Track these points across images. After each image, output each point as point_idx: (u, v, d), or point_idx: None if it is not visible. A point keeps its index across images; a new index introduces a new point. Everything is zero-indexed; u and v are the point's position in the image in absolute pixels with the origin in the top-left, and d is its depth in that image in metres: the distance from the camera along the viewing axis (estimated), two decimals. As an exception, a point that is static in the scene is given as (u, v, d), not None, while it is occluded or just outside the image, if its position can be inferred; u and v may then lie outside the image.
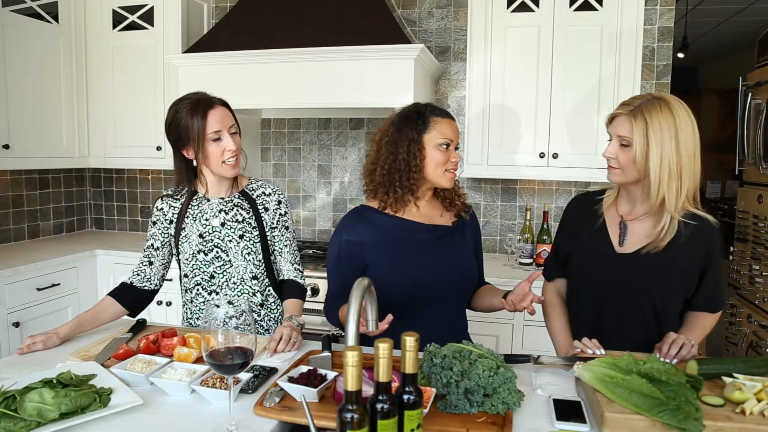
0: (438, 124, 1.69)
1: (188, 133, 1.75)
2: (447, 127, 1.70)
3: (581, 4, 2.78)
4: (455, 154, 1.72)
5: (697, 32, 5.77)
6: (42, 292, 2.96)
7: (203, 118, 1.74)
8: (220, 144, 1.77)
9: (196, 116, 1.74)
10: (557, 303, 1.83)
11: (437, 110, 1.73)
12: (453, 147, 1.71)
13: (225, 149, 1.77)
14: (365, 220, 1.73)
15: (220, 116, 1.77)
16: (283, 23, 2.93)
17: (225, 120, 1.78)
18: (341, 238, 1.74)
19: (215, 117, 1.75)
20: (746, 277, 3.32)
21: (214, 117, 1.75)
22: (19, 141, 3.08)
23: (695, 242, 1.57)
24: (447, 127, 1.70)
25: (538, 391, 1.37)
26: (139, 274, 1.91)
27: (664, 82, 3.04)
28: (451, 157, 1.70)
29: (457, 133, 1.73)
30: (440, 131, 1.68)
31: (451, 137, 1.70)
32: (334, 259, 1.77)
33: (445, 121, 1.71)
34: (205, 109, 1.75)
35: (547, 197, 3.29)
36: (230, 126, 1.79)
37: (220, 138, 1.77)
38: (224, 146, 1.77)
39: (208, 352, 1.15)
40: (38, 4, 3.17)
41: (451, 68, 3.34)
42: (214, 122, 1.75)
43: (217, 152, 1.77)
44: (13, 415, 1.15)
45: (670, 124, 1.48)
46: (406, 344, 0.97)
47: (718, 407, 1.22)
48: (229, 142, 1.77)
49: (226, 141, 1.77)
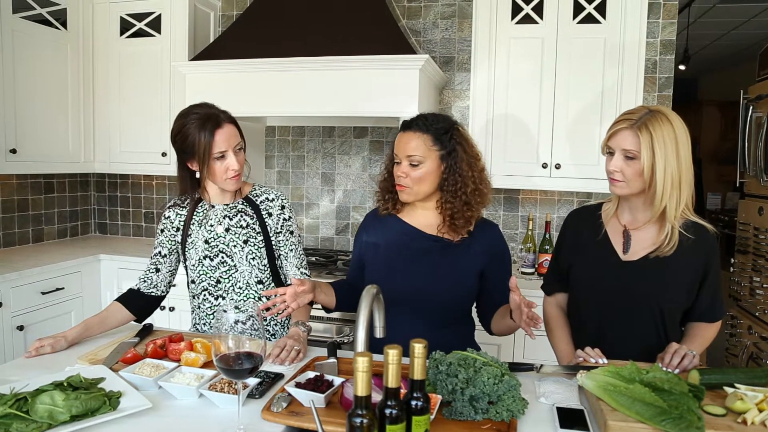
0: (397, 139, 1.75)
1: (194, 148, 1.76)
2: (399, 142, 1.74)
3: (585, 17, 2.81)
4: (404, 168, 1.71)
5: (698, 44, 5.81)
6: (46, 296, 2.97)
7: (210, 136, 1.75)
8: (224, 162, 1.78)
9: (203, 133, 1.74)
10: (558, 315, 1.85)
11: (405, 124, 1.76)
12: (405, 161, 1.71)
13: (228, 168, 1.79)
14: (372, 220, 1.90)
15: (227, 135, 1.77)
16: (290, 32, 2.96)
17: (231, 139, 1.79)
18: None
19: (222, 137, 1.76)
20: (747, 289, 3.34)
21: (221, 137, 1.76)
22: (25, 145, 3.11)
23: (696, 249, 1.59)
24: (399, 142, 1.74)
25: (542, 399, 1.38)
26: (146, 281, 1.93)
27: (666, 94, 3.07)
28: (399, 171, 1.73)
29: (415, 145, 1.70)
30: (397, 146, 1.75)
31: (398, 152, 1.73)
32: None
33: (400, 135, 1.75)
34: (213, 128, 1.75)
35: (550, 207, 3.31)
36: (236, 144, 1.80)
37: (224, 156, 1.78)
38: (227, 165, 1.78)
39: (218, 357, 1.17)
40: (47, 10, 3.21)
41: (455, 78, 3.37)
42: (220, 142, 1.76)
43: (221, 169, 1.79)
44: (25, 416, 1.17)
45: (671, 135, 1.52)
46: (414, 351, 0.99)
47: (719, 417, 1.23)
48: (232, 161, 1.79)
49: (230, 160, 1.78)
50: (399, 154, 1.73)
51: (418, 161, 1.69)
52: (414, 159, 1.69)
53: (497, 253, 1.80)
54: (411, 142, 1.70)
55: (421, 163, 1.69)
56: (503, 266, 1.81)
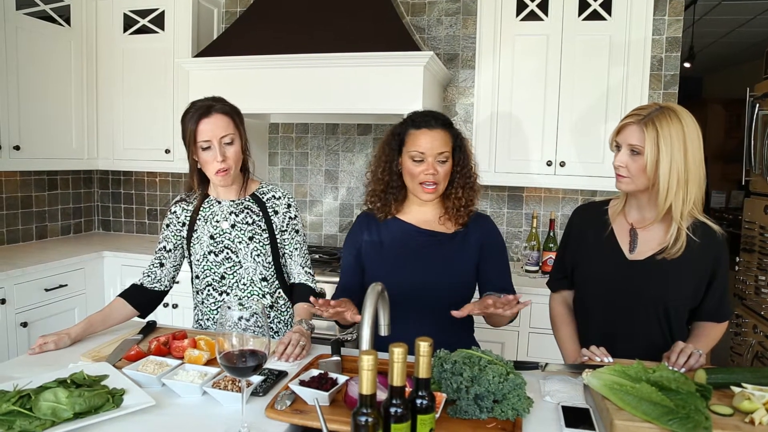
0: (411, 136, 1.73)
1: (185, 137, 1.79)
2: (421, 140, 1.70)
3: (590, 14, 2.80)
4: (434, 167, 1.69)
5: (704, 42, 5.78)
6: (49, 293, 2.97)
7: (195, 125, 1.75)
8: (210, 153, 1.77)
9: (190, 122, 1.76)
10: (564, 313, 1.84)
11: (420, 122, 1.73)
12: (431, 159, 1.69)
13: (213, 160, 1.77)
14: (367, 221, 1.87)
15: (212, 126, 1.75)
16: (293, 29, 2.96)
17: (217, 130, 1.76)
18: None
19: (207, 126, 1.75)
20: (752, 288, 3.32)
21: (206, 126, 1.75)
22: (29, 142, 3.11)
23: (704, 250, 1.57)
24: (421, 140, 1.70)
25: (547, 398, 1.37)
26: (150, 276, 1.93)
27: (671, 91, 3.05)
28: (426, 169, 1.69)
29: (443, 142, 1.70)
30: (418, 144, 1.70)
31: (423, 150, 1.69)
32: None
33: (419, 133, 1.71)
34: (199, 117, 1.75)
35: (554, 205, 3.30)
36: (223, 136, 1.77)
37: (210, 147, 1.77)
38: (213, 156, 1.77)
39: (222, 354, 1.16)
40: (51, 7, 3.20)
41: (460, 75, 3.35)
42: (204, 131, 1.75)
43: (209, 160, 1.78)
44: (29, 413, 1.17)
45: (679, 133, 1.50)
46: (420, 349, 0.98)
47: (727, 416, 1.23)
48: (216, 153, 1.76)
49: (214, 152, 1.76)
50: (425, 152, 1.69)
51: (447, 157, 1.72)
52: (444, 156, 1.71)
53: (492, 243, 1.82)
54: (438, 139, 1.70)
55: (448, 159, 1.72)
56: (498, 256, 1.83)
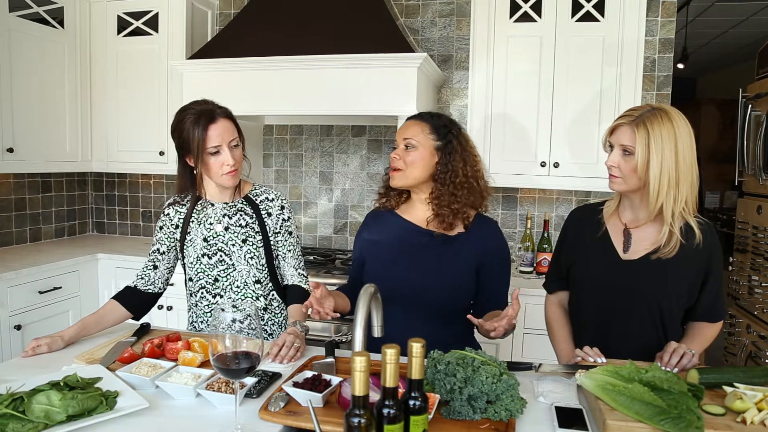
0: (399, 129, 1.83)
1: (189, 144, 1.78)
2: (399, 129, 1.82)
3: (583, 15, 2.81)
4: (398, 151, 1.77)
5: (697, 43, 5.81)
6: (44, 295, 2.96)
7: (204, 131, 1.76)
8: (219, 157, 1.79)
9: (197, 129, 1.76)
10: (559, 313, 1.85)
11: (409, 117, 1.85)
12: (401, 144, 1.77)
13: (223, 163, 1.79)
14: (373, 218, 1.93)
15: (220, 130, 1.78)
16: (287, 30, 2.96)
17: (225, 134, 1.79)
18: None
19: (216, 131, 1.77)
20: (745, 288, 3.34)
21: (215, 131, 1.77)
22: (23, 144, 3.10)
23: (698, 249, 1.58)
24: (399, 129, 1.82)
25: (540, 398, 1.38)
26: (143, 278, 1.93)
27: (664, 92, 3.07)
28: (394, 154, 1.78)
29: (413, 131, 1.76)
30: (397, 133, 1.81)
31: (397, 137, 1.80)
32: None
33: (404, 124, 1.82)
34: (207, 123, 1.76)
35: (548, 206, 3.31)
36: (231, 140, 1.81)
37: (219, 152, 1.79)
38: (222, 160, 1.79)
39: (215, 356, 1.16)
40: (44, 9, 3.20)
41: (454, 77, 3.36)
42: (214, 137, 1.77)
43: (216, 165, 1.80)
44: (21, 416, 1.16)
45: (670, 134, 1.51)
46: (412, 350, 0.98)
47: (719, 416, 1.23)
48: (227, 157, 1.79)
49: (224, 155, 1.79)
50: (397, 139, 1.80)
51: (414, 144, 1.75)
52: (410, 142, 1.75)
53: (493, 249, 1.79)
54: (410, 127, 1.78)
55: (415, 147, 1.75)
56: (499, 264, 1.80)
